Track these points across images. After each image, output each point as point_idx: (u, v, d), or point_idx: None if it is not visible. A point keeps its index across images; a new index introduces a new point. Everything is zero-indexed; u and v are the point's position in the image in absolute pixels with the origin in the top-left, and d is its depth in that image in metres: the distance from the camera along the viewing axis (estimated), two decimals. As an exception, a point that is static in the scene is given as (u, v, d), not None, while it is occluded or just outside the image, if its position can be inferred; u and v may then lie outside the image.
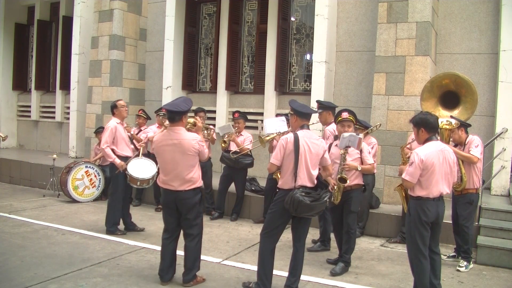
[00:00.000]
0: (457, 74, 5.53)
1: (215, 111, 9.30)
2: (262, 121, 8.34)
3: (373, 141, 5.80)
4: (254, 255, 4.89)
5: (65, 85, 11.12)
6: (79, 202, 7.87)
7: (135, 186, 5.96)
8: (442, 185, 3.86)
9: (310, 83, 8.24)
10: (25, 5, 12.57)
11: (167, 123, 6.63)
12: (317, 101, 5.89)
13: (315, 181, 4.05)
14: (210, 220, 6.86)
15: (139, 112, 8.19)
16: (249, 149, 6.90)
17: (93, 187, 8.04)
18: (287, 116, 5.46)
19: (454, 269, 4.93)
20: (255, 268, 4.15)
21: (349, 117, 4.81)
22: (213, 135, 7.19)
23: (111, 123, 6.02)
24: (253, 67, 9.38)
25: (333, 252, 5.37)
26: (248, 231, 6.40)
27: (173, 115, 4.20)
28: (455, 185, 4.84)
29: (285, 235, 4.69)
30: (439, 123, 4.70)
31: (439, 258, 4.04)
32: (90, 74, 10.06)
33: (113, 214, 5.98)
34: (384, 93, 6.94)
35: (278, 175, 4.73)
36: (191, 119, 4.60)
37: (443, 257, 4.74)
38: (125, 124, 6.27)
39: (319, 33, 7.85)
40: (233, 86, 9.39)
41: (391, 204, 6.71)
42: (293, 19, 9.05)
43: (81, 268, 4.60)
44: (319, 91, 7.77)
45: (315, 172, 4.05)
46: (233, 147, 6.86)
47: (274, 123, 5.96)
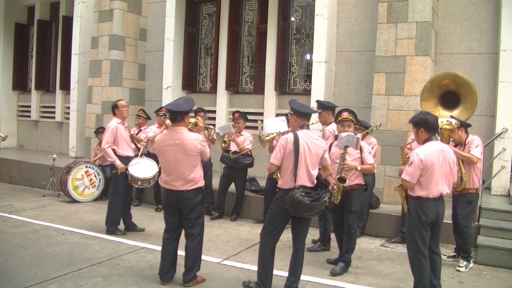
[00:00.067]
0: (457, 74, 5.52)
1: (215, 111, 9.30)
2: (262, 121, 8.35)
3: (373, 141, 5.79)
4: (254, 255, 4.89)
5: (65, 85, 11.12)
6: (79, 202, 7.87)
7: (136, 186, 5.96)
8: (442, 185, 3.86)
9: (310, 83, 8.24)
10: (25, 5, 12.57)
11: (167, 122, 6.62)
12: (317, 101, 5.89)
13: (315, 181, 4.05)
14: (210, 220, 6.86)
15: (139, 112, 8.19)
16: (249, 149, 6.90)
17: (93, 187, 8.04)
18: (287, 116, 5.46)
19: (454, 269, 4.93)
20: (255, 268, 4.15)
21: (349, 117, 4.81)
22: (213, 135, 7.19)
23: (112, 123, 6.03)
24: (253, 67, 9.38)
25: (333, 252, 5.37)
26: (248, 231, 6.40)
27: (175, 115, 4.20)
28: (455, 185, 4.84)
29: (285, 235, 4.69)
30: (439, 123, 4.71)
31: (439, 258, 4.04)
32: (90, 74, 10.06)
33: (113, 214, 5.98)
34: (384, 93, 6.94)
35: (278, 175, 4.72)
36: (193, 119, 4.61)
37: (443, 257, 4.73)
38: (126, 124, 6.27)
39: (319, 33, 7.85)
40: (233, 86, 9.39)
41: (391, 204, 6.71)
42: (293, 19, 9.05)
43: (81, 268, 4.60)
44: (319, 91, 7.77)
45: (315, 172, 4.05)
46: (233, 147, 6.87)
47: (274, 123, 5.96)
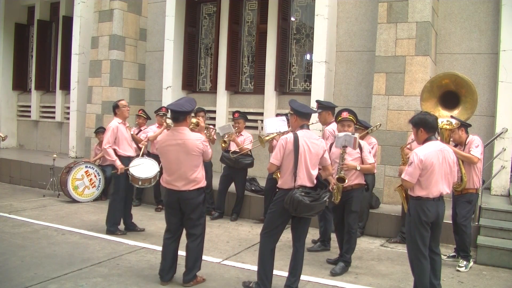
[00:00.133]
0: (457, 74, 5.52)
1: (215, 111, 9.30)
2: (262, 121, 8.35)
3: (373, 141, 5.79)
4: (254, 255, 4.89)
5: (65, 85, 11.12)
6: (79, 202, 7.87)
7: (137, 185, 5.96)
8: (442, 185, 3.86)
9: (310, 83, 8.24)
10: (25, 5, 12.57)
11: (167, 122, 6.62)
12: (317, 101, 5.89)
13: (315, 181, 4.05)
14: (210, 220, 6.85)
15: (139, 112, 8.19)
16: (249, 149, 6.90)
17: (93, 187, 8.04)
18: (287, 116, 5.45)
19: (454, 269, 4.93)
20: (255, 268, 4.15)
21: (349, 117, 4.81)
22: (214, 135, 7.19)
23: (113, 123, 6.03)
24: (253, 67, 9.38)
25: (333, 252, 5.37)
26: (248, 231, 6.40)
27: (177, 115, 4.20)
28: (455, 185, 4.84)
29: (285, 235, 4.69)
30: (439, 123, 4.71)
31: (439, 258, 4.04)
32: (90, 74, 10.06)
33: (113, 213, 5.98)
34: (384, 93, 6.94)
35: (278, 175, 4.72)
36: (194, 119, 4.61)
37: (443, 257, 4.74)
38: (127, 124, 6.28)
39: (319, 33, 7.85)
40: (233, 86, 9.39)
41: (391, 204, 6.71)
42: (293, 19, 9.05)
43: (81, 268, 4.60)
44: (319, 91, 7.77)
45: (314, 172, 4.05)
46: (233, 147, 6.87)
47: (274, 123, 5.96)
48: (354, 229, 4.81)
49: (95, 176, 8.06)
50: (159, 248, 4.47)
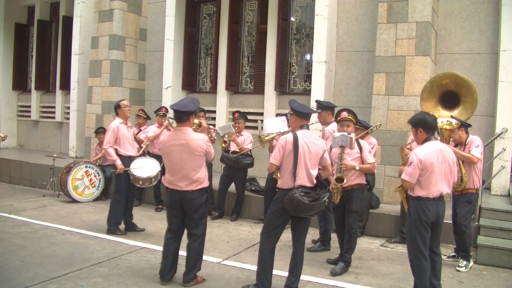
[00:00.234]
0: (457, 74, 5.52)
1: (215, 111, 9.30)
2: (262, 121, 8.34)
3: (373, 141, 5.78)
4: (254, 255, 4.89)
5: (65, 85, 11.12)
6: (79, 202, 7.87)
7: (137, 185, 5.97)
8: (441, 184, 3.85)
9: (310, 83, 8.24)
10: (25, 5, 12.57)
11: (166, 122, 6.62)
12: (316, 101, 5.89)
13: (315, 181, 4.05)
14: (210, 220, 6.84)
15: (139, 112, 8.19)
16: (249, 149, 6.91)
17: (93, 187, 8.04)
18: (287, 116, 5.45)
19: (454, 269, 4.93)
20: (255, 268, 4.14)
21: (348, 117, 4.80)
22: (214, 135, 7.19)
23: (114, 123, 6.06)
24: (253, 67, 9.38)
25: (333, 252, 5.37)
26: (248, 231, 6.40)
27: (181, 115, 4.20)
28: (455, 185, 4.84)
29: (285, 235, 4.69)
30: (439, 123, 4.71)
31: (439, 259, 4.04)
32: (90, 74, 10.06)
33: (114, 213, 5.99)
34: (384, 93, 6.94)
35: (278, 175, 4.72)
36: (196, 120, 4.61)
37: (443, 257, 4.73)
38: (129, 123, 6.29)
39: (319, 33, 7.84)
40: (233, 86, 9.39)
41: (391, 204, 6.70)
42: (293, 19, 9.05)
43: (81, 268, 4.60)
44: (319, 91, 7.77)
45: (314, 172, 4.05)
46: (233, 147, 6.87)
47: (274, 123, 5.96)
48: (354, 229, 4.81)
49: (95, 176, 8.06)
50: (159, 248, 4.47)
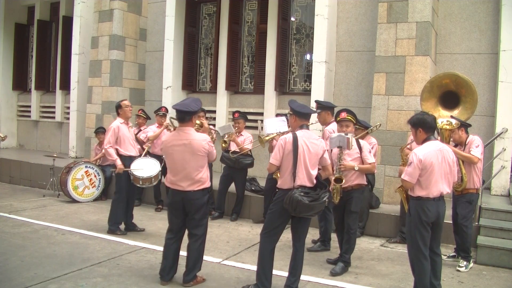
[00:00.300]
0: (457, 74, 5.52)
1: (215, 111, 9.30)
2: (262, 121, 8.35)
3: (373, 141, 5.78)
4: (254, 255, 4.89)
5: (65, 85, 11.12)
6: (79, 202, 7.87)
7: (138, 185, 5.97)
8: (442, 184, 3.85)
9: (310, 83, 8.24)
10: (25, 5, 12.57)
11: (166, 122, 6.61)
12: (316, 101, 5.89)
13: (314, 181, 4.05)
14: (210, 220, 6.79)
15: (139, 112, 8.19)
16: (249, 149, 6.91)
17: (93, 187, 8.04)
18: (287, 116, 5.45)
19: (454, 269, 4.93)
20: (255, 268, 4.14)
21: (348, 117, 4.79)
22: (214, 135, 7.19)
23: (114, 123, 6.07)
24: (253, 67, 9.38)
25: (333, 252, 5.37)
26: (248, 231, 6.40)
27: (183, 115, 4.19)
28: (455, 185, 4.84)
29: (285, 235, 4.69)
30: (439, 123, 4.71)
31: (440, 259, 4.04)
32: (90, 74, 10.06)
33: (115, 213, 6.00)
34: (384, 93, 6.94)
35: (278, 175, 4.72)
36: (198, 120, 4.60)
37: (443, 257, 4.73)
38: (130, 124, 6.29)
39: (319, 33, 7.84)
40: (233, 86, 9.39)
41: (391, 204, 6.70)
42: (293, 19, 9.05)
43: (81, 268, 4.60)
44: (319, 91, 7.77)
45: (314, 172, 4.05)
46: (233, 147, 6.87)
47: (274, 123, 5.96)
48: (353, 230, 4.80)
49: (95, 176, 8.06)
50: (159, 248, 4.47)
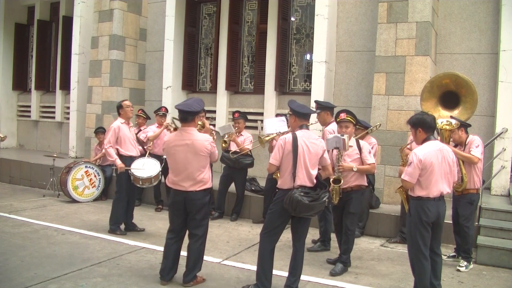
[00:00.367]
0: (457, 74, 5.52)
1: (215, 111, 9.30)
2: (262, 121, 8.35)
3: (373, 141, 5.78)
4: (254, 255, 4.89)
5: (65, 85, 11.12)
6: (79, 202, 7.87)
7: (138, 185, 5.97)
8: (442, 184, 3.85)
9: (310, 83, 8.24)
10: (25, 5, 12.57)
11: (166, 122, 6.60)
12: (315, 101, 5.89)
13: (315, 181, 4.05)
14: (210, 220, 6.79)
15: (139, 112, 8.18)
16: (249, 149, 6.90)
17: (93, 187, 8.05)
18: (287, 116, 5.45)
19: (454, 269, 4.93)
20: (255, 268, 4.14)
21: (347, 118, 4.77)
22: (214, 135, 7.18)
23: (115, 123, 6.08)
24: (253, 67, 9.38)
25: (333, 252, 5.37)
26: (248, 231, 6.40)
27: (186, 115, 4.19)
28: (455, 185, 4.83)
29: (285, 235, 4.69)
30: (439, 124, 4.71)
31: (440, 259, 4.04)
32: (90, 74, 10.07)
33: (115, 213, 6.01)
34: (384, 93, 6.94)
35: (278, 175, 4.72)
36: (199, 121, 4.61)
37: (443, 257, 4.73)
38: (131, 124, 6.29)
39: (319, 33, 7.84)
40: (233, 86, 9.39)
41: (391, 204, 6.70)
42: (293, 19, 9.05)
43: (81, 268, 4.60)
44: (319, 91, 7.77)
45: (314, 172, 4.04)
46: (233, 147, 6.87)
47: (274, 123, 5.96)
48: (351, 230, 4.79)
49: (95, 176, 8.06)
50: (159, 248, 4.48)
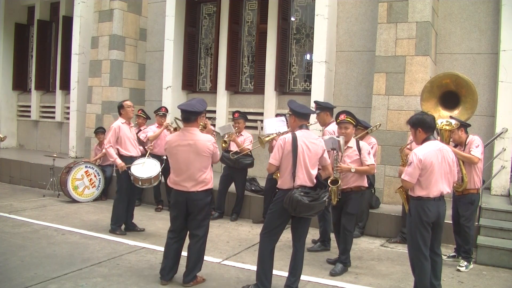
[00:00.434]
0: (457, 74, 5.52)
1: (215, 111, 9.30)
2: (262, 121, 8.34)
3: (373, 141, 5.78)
4: (254, 255, 4.89)
5: (65, 85, 11.13)
6: (79, 202, 7.87)
7: (137, 185, 5.97)
8: (442, 184, 3.85)
9: (310, 83, 8.24)
10: (25, 5, 12.57)
11: (165, 122, 6.61)
12: (315, 102, 5.89)
13: (314, 181, 4.05)
14: (210, 220, 6.84)
15: (139, 112, 8.18)
16: (249, 149, 6.90)
17: (93, 187, 8.05)
18: (286, 116, 5.44)
19: (454, 269, 4.93)
20: (255, 268, 4.14)
21: (347, 119, 4.77)
22: (214, 135, 7.19)
23: (115, 123, 6.08)
24: (253, 67, 9.38)
25: (333, 252, 5.37)
26: (248, 231, 6.40)
27: (189, 116, 4.20)
28: (456, 185, 4.83)
29: (285, 235, 4.69)
30: (439, 124, 4.71)
31: (440, 259, 4.03)
32: (90, 74, 10.07)
33: (116, 212, 6.01)
34: (384, 93, 6.94)
35: (278, 175, 4.72)
36: (201, 122, 4.61)
37: (443, 257, 4.73)
38: (131, 124, 6.29)
39: (319, 33, 7.84)
40: (233, 86, 9.39)
41: (391, 204, 6.70)
42: (293, 19, 9.05)
43: (81, 268, 4.60)
44: (319, 91, 7.77)
45: (314, 171, 4.04)
46: (233, 147, 6.87)
47: (273, 123, 5.96)
48: (348, 230, 4.79)
49: (95, 176, 8.06)
50: (159, 248, 4.48)
